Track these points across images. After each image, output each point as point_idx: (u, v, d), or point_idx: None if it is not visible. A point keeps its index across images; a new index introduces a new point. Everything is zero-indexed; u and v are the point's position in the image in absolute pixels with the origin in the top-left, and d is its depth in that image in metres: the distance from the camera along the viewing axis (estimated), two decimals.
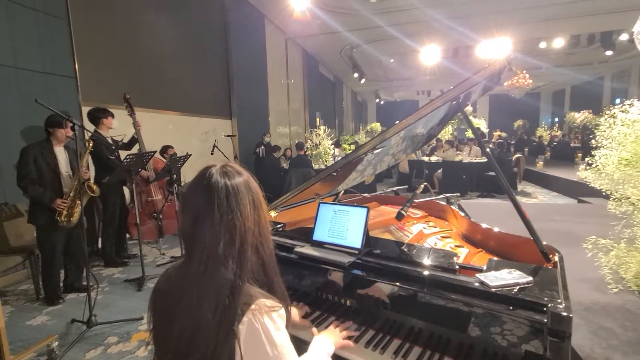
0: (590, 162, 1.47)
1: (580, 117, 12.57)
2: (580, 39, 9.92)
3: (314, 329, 1.06)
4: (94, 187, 2.78)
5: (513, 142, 12.92)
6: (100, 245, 3.75)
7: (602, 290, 1.61)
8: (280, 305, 0.70)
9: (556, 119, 19.48)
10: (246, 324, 0.64)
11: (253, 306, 0.65)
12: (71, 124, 2.22)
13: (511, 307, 0.87)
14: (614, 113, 1.34)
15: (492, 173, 7.16)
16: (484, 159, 7.81)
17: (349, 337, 1.05)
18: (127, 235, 3.97)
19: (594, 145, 1.48)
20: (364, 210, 1.26)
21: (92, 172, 3.64)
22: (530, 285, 0.94)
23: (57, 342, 2.15)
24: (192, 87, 5.86)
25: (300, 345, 0.93)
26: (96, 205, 3.63)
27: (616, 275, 1.64)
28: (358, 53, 11.34)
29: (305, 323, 1.16)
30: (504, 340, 0.89)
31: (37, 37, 3.42)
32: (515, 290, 0.92)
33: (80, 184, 2.62)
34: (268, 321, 0.66)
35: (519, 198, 6.82)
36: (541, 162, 8.17)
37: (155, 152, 3.11)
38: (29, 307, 2.82)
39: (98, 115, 3.38)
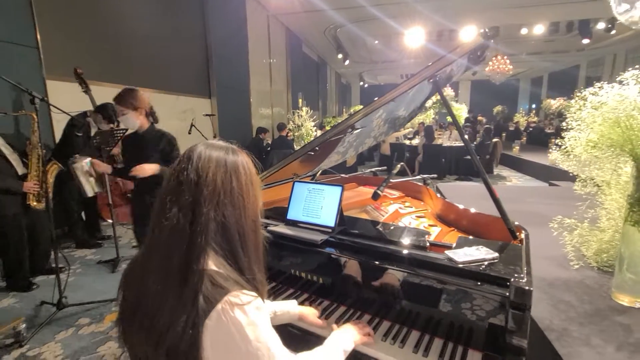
0: (559, 144, 1.50)
1: (555, 103, 12.95)
2: (559, 26, 10.07)
3: (334, 325, 1.01)
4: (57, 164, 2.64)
5: (490, 127, 13.22)
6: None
7: (564, 266, 1.69)
8: (255, 296, 0.65)
9: (533, 105, 20.01)
10: (214, 318, 0.60)
11: (224, 299, 0.61)
12: (31, 97, 2.06)
13: (477, 282, 0.89)
14: (585, 95, 1.37)
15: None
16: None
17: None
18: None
19: (564, 128, 1.51)
20: (338, 189, 1.25)
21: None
22: (496, 261, 0.97)
23: (24, 325, 2.08)
24: (169, 64, 5.59)
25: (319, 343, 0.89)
26: (70, 186, 3.46)
27: (578, 253, 1.72)
28: (342, 33, 11.11)
29: (323, 324, 1.06)
30: (470, 313, 0.91)
31: None
32: (481, 265, 0.94)
33: (42, 162, 2.46)
34: (240, 315, 0.61)
35: (494, 181, 7.06)
36: (517, 147, 8.41)
37: (126, 130, 2.96)
38: None
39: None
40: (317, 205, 1.28)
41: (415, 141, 8.04)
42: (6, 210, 2.47)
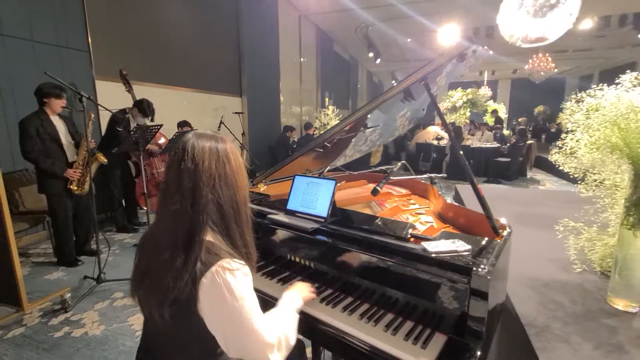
0: (560, 145, 1.51)
1: None
2: (610, 20, 9.32)
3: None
4: (102, 157, 2.96)
5: (531, 129, 12.53)
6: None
7: (566, 269, 1.67)
8: (243, 264, 0.80)
9: None
10: (209, 277, 0.74)
11: (218, 263, 0.76)
12: (79, 96, 2.37)
13: (443, 270, 0.97)
14: (582, 97, 1.36)
15: (502, 159, 7.06)
16: (495, 144, 7.68)
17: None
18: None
19: (567, 130, 1.51)
20: (332, 183, 1.36)
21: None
22: (467, 253, 1.03)
23: (69, 294, 2.40)
24: (203, 64, 5.95)
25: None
26: (112, 176, 3.85)
27: (584, 257, 1.70)
28: (374, 32, 11.06)
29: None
30: (438, 300, 0.99)
31: (52, 10, 3.56)
32: (452, 256, 1.01)
33: (88, 153, 2.79)
34: (230, 277, 0.75)
35: (526, 184, 6.73)
36: (555, 149, 7.93)
37: (161, 125, 3.25)
38: (47, 263, 3.11)
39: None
40: (313, 197, 1.40)
41: (444, 142, 7.86)
42: (53, 189, 2.86)
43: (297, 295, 1.05)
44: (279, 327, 0.86)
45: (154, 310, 0.80)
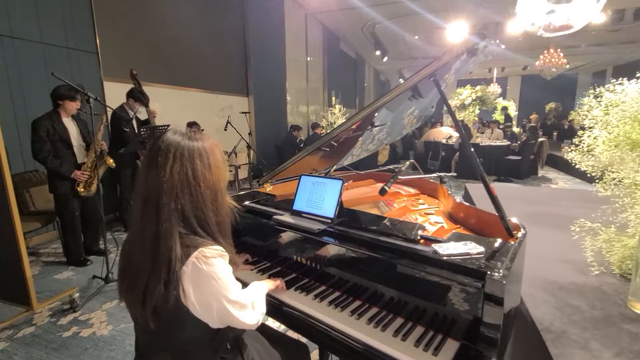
0: (576, 142, 1.45)
1: None
2: (625, 14, 9.06)
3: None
4: (110, 160, 2.98)
5: (540, 126, 12.28)
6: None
7: (583, 272, 1.61)
8: (220, 250, 0.83)
9: None
10: (190, 265, 0.78)
11: (196, 252, 0.79)
12: (86, 97, 2.38)
13: (455, 274, 0.93)
14: (600, 92, 1.30)
15: (513, 157, 6.93)
16: (505, 142, 7.54)
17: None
18: None
19: (584, 127, 1.45)
20: (339, 183, 1.33)
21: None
22: (480, 256, 0.99)
23: (78, 294, 2.42)
24: (209, 64, 5.96)
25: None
26: (121, 176, 3.88)
27: (602, 259, 1.63)
28: (381, 29, 10.97)
29: (247, 268, 1.40)
30: (450, 304, 0.95)
31: (61, 13, 3.60)
32: (464, 259, 0.97)
33: (96, 156, 2.81)
34: (211, 262, 0.79)
35: (537, 183, 6.59)
36: (567, 147, 7.76)
37: (168, 125, 3.25)
38: (57, 263, 3.14)
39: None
40: (319, 197, 1.37)
41: (452, 140, 7.75)
42: (60, 190, 2.88)
43: (264, 283, 1.14)
44: (250, 294, 0.95)
45: (135, 311, 0.82)
